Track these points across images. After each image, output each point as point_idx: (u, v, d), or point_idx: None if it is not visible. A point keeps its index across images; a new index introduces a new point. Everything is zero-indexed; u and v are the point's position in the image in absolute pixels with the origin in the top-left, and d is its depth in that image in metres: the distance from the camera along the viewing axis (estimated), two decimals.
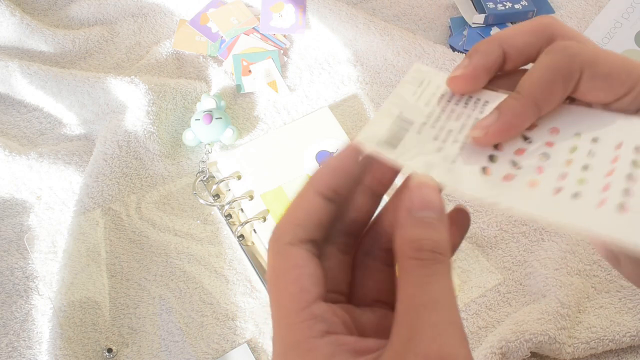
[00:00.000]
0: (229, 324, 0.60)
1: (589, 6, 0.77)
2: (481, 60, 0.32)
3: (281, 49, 0.74)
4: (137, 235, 0.64)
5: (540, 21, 0.33)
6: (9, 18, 0.74)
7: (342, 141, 0.67)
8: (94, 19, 0.79)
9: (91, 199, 0.64)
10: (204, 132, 0.67)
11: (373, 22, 0.72)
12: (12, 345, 0.59)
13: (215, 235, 0.64)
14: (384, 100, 0.71)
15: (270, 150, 0.67)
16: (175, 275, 0.62)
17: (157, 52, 0.75)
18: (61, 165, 0.66)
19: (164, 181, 0.67)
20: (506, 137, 0.31)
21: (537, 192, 0.29)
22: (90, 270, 0.61)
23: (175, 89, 0.70)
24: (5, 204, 0.66)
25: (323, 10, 0.73)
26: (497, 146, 0.31)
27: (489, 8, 0.74)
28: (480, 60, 0.32)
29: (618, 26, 0.74)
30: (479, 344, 0.57)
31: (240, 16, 0.76)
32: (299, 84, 0.73)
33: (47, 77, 0.70)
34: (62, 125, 0.71)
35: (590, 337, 0.55)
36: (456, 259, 0.61)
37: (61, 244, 0.63)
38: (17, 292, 0.62)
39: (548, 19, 0.33)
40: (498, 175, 0.30)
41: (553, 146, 0.31)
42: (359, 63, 0.73)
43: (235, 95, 0.72)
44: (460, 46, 0.73)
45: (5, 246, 0.64)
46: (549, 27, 0.33)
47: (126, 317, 0.60)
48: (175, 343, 0.59)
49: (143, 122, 0.67)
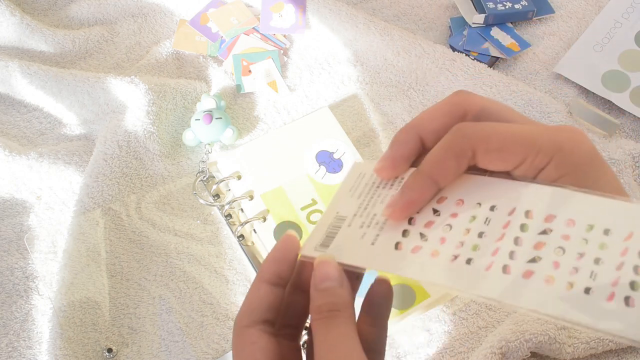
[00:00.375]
0: (229, 324, 0.60)
1: (589, 6, 0.77)
2: (399, 151, 0.37)
3: (281, 49, 0.74)
4: (137, 235, 0.64)
5: (453, 101, 0.38)
6: (9, 18, 0.75)
7: (342, 142, 0.67)
8: (94, 19, 0.79)
9: (91, 199, 0.64)
10: (204, 132, 0.67)
11: (373, 22, 0.72)
12: (12, 345, 0.59)
13: (215, 235, 0.64)
14: (384, 100, 0.71)
15: (270, 150, 0.67)
16: (175, 275, 0.62)
17: (157, 52, 0.75)
18: (61, 165, 0.66)
19: (164, 181, 0.67)
20: (411, 212, 0.35)
21: (437, 261, 0.33)
22: (90, 270, 0.61)
23: (175, 89, 0.70)
24: (5, 204, 0.66)
25: (323, 10, 0.73)
26: (411, 220, 0.35)
27: (489, 8, 0.74)
28: (398, 151, 0.37)
29: (618, 26, 0.74)
30: (479, 344, 0.57)
31: (240, 16, 0.76)
32: (299, 84, 0.73)
33: (47, 77, 0.70)
34: (62, 125, 0.71)
35: (590, 337, 0.55)
36: None
37: (61, 244, 0.63)
38: (17, 292, 0.62)
39: (461, 97, 0.38)
40: (408, 248, 0.34)
41: (457, 217, 0.34)
42: (359, 63, 0.73)
43: (235, 95, 0.72)
44: (460, 46, 0.73)
45: (5, 246, 0.64)
46: (461, 105, 0.37)
47: (126, 317, 0.60)
48: (175, 343, 0.59)
49: (143, 122, 0.67)
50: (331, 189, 0.64)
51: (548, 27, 0.76)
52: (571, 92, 0.71)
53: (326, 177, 0.65)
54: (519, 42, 0.74)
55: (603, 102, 0.70)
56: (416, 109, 0.71)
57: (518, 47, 0.73)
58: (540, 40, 0.75)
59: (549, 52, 0.74)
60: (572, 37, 0.75)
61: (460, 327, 0.58)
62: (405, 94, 0.72)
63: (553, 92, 0.72)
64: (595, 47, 0.73)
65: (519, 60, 0.74)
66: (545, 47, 0.75)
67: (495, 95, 0.68)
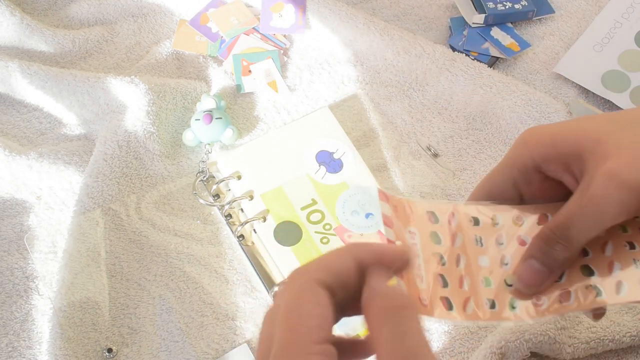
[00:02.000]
0: (229, 324, 0.60)
1: (589, 6, 0.77)
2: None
3: (281, 49, 0.74)
4: (137, 235, 0.64)
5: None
6: (9, 18, 0.74)
7: (342, 142, 0.67)
8: (94, 19, 0.79)
9: (91, 199, 0.64)
10: (204, 132, 0.67)
11: (373, 22, 0.72)
12: (12, 345, 0.59)
13: (215, 235, 0.64)
14: (384, 100, 0.71)
15: (270, 150, 0.67)
16: (175, 275, 0.62)
17: (157, 52, 0.75)
18: (61, 165, 0.66)
19: (164, 181, 0.67)
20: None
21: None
22: (90, 270, 0.61)
23: (175, 89, 0.70)
24: (5, 204, 0.66)
25: (323, 10, 0.73)
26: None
27: (489, 8, 0.74)
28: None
29: (618, 26, 0.74)
30: (478, 344, 0.57)
31: (240, 16, 0.76)
32: (299, 84, 0.73)
33: (47, 77, 0.70)
34: (62, 125, 0.71)
35: (590, 337, 0.55)
36: None
37: (61, 244, 0.63)
38: (17, 292, 0.62)
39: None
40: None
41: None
42: (359, 63, 0.73)
43: (235, 95, 0.72)
44: (460, 46, 0.73)
45: (5, 246, 0.64)
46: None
47: (126, 317, 0.60)
48: (175, 343, 0.59)
49: (143, 122, 0.67)
50: (331, 189, 0.64)
51: (548, 27, 0.76)
52: (571, 92, 0.71)
53: (326, 177, 0.65)
54: (519, 42, 0.74)
55: (603, 102, 0.70)
56: (416, 109, 0.71)
57: (518, 47, 0.73)
58: (540, 40, 0.75)
59: (549, 52, 0.74)
60: (572, 37, 0.75)
61: (460, 327, 0.58)
62: (405, 93, 0.72)
63: (553, 92, 0.72)
64: (595, 47, 0.73)
65: (519, 60, 0.74)
66: (545, 47, 0.75)
67: (495, 95, 0.68)
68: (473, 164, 0.67)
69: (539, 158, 0.38)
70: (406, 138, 0.69)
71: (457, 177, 0.67)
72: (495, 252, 0.38)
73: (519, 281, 0.37)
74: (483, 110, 0.69)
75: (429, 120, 0.70)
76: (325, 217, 0.63)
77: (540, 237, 0.37)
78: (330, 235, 0.62)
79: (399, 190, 0.66)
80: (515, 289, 0.37)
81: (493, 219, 0.39)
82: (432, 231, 0.37)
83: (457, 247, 0.37)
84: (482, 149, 0.68)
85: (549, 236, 0.37)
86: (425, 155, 0.68)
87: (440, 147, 0.68)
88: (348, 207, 0.63)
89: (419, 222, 0.37)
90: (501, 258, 0.38)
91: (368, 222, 0.62)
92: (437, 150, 0.68)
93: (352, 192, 0.64)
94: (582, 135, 0.37)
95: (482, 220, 0.39)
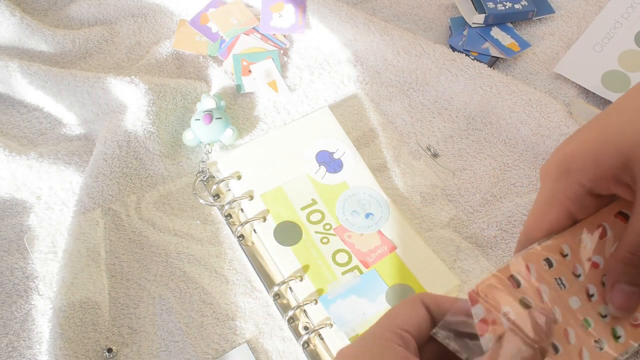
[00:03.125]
0: (229, 324, 0.60)
1: (589, 6, 0.77)
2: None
3: (281, 49, 0.74)
4: (137, 235, 0.64)
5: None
6: (9, 18, 0.75)
7: (342, 142, 0.67)
8: (94, 19, 0.79)
9: (91, 199, 0.64)
10: (204, 132, 0.67)
11: (373, 22, 0.72)
12: (12, 345, 0.59)
13: (215, 235, 0.64)
14: (384, 100, 0.71)
15: (270, 150, 0.67)
16: (175, 275, 0.62)
17: (157, 52, 0.75)
18: (61, 165, 0.66)
19: (164, 181, 0.67)
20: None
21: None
22: (90, 270, 0.61)
23: (175, 89, 0.70)
24: (5, 204, 0.66)
25: (323, 10, 0.73)
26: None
27: (489, 8, 0.74)
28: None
29: (618, 26, 0.74)
30: None
31: (240, 16, 0.76)
32: (299, 84, 0.73)
33: (47, 77, 0.70)
34: (62, 125, 0.71)
35: None
36: (456, 259, 0.61)
37: (61, 244, 0.63)
38: (17, 292, 0.62)
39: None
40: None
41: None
42: (359, 63, 0.73)
43: (235, 95, 0.72)
44: (460, 46, 0.73)
45: (5, 246, 0.64)
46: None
47: (126, 317, 0.60)
48: (175, 343, 0.59)
49: (143, 122, 0.67)
50: (331, 189, 0.64)
51: (548, 27, 0.76)
52: (571, 92, 0.71)
53: (326, 177, 0.65)
54: (519, 42, 0.74)
55: (603, 102, 0.70)
56: (416, 109, 0.71)
57: (518, 47, 0.73)
58: (540, 40, 0.75)
59: (549, 52, 0.74)
60: (572, 37, 0.75)
61: None
62: (405, 94, 0.72)
63: (553, 92, 0.72)
64: (595, 47, 0.73)
65: (519, 60, 0.74)
66: (545, 47, 0.75)
67: (495, 95, 0.68)
68: (473, 164, 0.67)
69: (589, 183, 0.38)
70: (406, 138, 0.69)
71: (457, 177, 0.67)
72: (579, 288, 0.38)
73: (615, 309, 0.37)
74: (483, 110, 0.69)
75: (429, 120, 0.70)
76: (325, 217, 0.63)
77: (620, 261, 0.37)
78: (330, 235, 0.62)
79: (399, 190, 0.66)
80: (612, 317, 0.37)
81: (561, 252, 0.38)
82: (520, 298, 0.36)
83: (547, 302, 0.37)
84: (482, 149, 0.68)
85: (629, 258, 0.37)
86: (425, 155, 0.68)
87: (440, 147, 0.68)
88: (348, 207, 0.63)
89: (505, 298, 0.36)
90: (586, 291, 0.38)
91: (368, 222, 0.62)
92: (437, 150, 0.68)
93: (352, 192, 0.64)
94: (623, 142, 0.37)
95: (553, 259, 0.38)
